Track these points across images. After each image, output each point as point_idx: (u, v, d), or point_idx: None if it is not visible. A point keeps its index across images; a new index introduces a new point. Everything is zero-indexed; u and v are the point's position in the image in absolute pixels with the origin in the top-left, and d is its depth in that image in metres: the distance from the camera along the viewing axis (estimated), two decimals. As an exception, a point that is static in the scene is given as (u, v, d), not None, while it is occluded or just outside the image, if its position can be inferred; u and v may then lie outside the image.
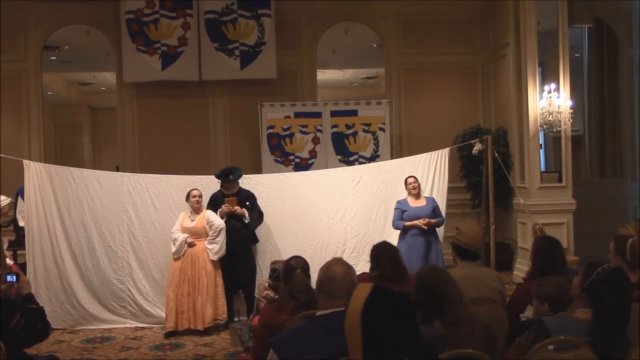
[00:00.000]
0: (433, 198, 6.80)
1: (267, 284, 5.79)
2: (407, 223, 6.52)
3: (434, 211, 6.62)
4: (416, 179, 6.75)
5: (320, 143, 9.08)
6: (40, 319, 3.64)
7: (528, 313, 3.53)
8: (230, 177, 6.69)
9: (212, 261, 6.37)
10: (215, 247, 6.36)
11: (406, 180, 6.73)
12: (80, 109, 16.02)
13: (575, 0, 8.41)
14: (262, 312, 3.97)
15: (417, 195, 6.67)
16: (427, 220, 6.47)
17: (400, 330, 2.24)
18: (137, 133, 9.48)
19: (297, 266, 3.75)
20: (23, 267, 6.76)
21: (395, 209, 6.70)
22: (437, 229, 6.69)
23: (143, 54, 8.99)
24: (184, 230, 6.41)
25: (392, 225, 6.69)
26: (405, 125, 9.69)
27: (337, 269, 2.74)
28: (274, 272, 5.57)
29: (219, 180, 6.73)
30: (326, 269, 2.75)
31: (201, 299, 6.26)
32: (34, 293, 6.31)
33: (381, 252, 4.28)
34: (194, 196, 6.45)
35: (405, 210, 6.62)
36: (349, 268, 2.78)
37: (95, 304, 6.70)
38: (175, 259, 6.37)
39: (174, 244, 6.36)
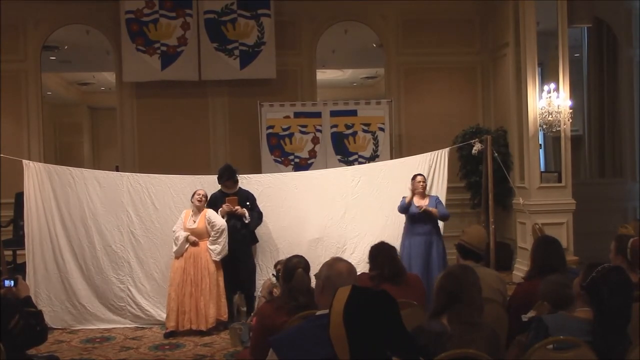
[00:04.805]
0: (437, 197, 6.76)
1: (272, 283, 5.78)
2: (407, 199, 6.52)
3: (437, 208, 6.60)
4: (424, 177, 6.72)
5: (320, 143, 9.08)
6: (38, 323, 3.65)
7: (531, 314, 3.53)
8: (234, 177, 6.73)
9: (215, 261, 6.37)
10: (217, 248, 6.36)
11: (415, 177, 6.67)
12: (80, 109, 16.04)
13: (574, 0, 8.41)
14: (260, 312, 3.95)
15: (423, 194, 6.64)
16: (429, 208, 6.47)
17: (384, 327, 2.25)
18: (136, 133, 9.48)
19: (298, 265, 3.70)
20: (23, 267, 6.77)
21: (401, 201, 6.65)
22: (440, 227, 6.68)
23: (142, 54, 8.98)
24: (186, 231, 6.39)
25: (398, 209, 6.64)
26: (405, 125, 9.69)
27: (342, 265, 2.75)
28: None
29: (223, 177, 6.72)
30: (330, 266, 2.75)
31: (204, 299, 6.26)
32: (33, 293, 6.41)
33: (379, 253, 4.32)
34: (199, 194, 6.45)
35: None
36: (351, 265, 2.80)
37: (96, 304, 6.70)
38: (177, 258, 6.36)
39: (176, 243, 6.36)
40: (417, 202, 6.60)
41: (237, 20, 9.09)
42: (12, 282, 3.71)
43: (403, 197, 6.63)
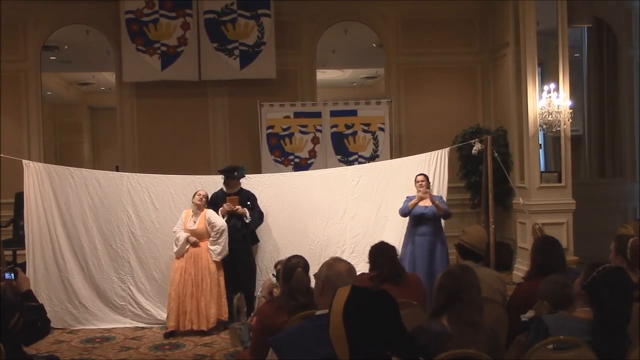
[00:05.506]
0: (440, 196, 6.71)
1: (272, 283, 5.78)
2: (410, 203, 6.40)
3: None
4: (426, 177, 6.61)
5: (320, 143, 9.08)
6: (40, 318, 3.65)
7: (530, 314, 3.52)
8: (235, 173, 6.72)
9: (215, 261, 6.37)
10: (217, 249, 6.36)
11: (416, 177, 6.62)
12: (80, 109, 16.04)
13: (574, 0, 8.41)
14: (260, 312, 3.96)
15: (425, 194, 6.60)
16: (427, 193, 6.41)
17: (384, 327, 2.25)
18: (136, 133, 9.48)
19: (298, 265, 3.72)
20: (23, 266, 6.77)
21: (404, 202, 6.57)
22: (442, 228, 6.65)
23: (143, 54, 8.98)
24: (186, 232, 6.40)
25: (399, 212, 6.57)
26: (405, 125, 9.69)
27: (341, 265, 2.75)
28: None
29: (222, 176, 6.73)
30: (330, 266, 2.74)
31: (205, 299, 6.27)
32: (33, 292, 6.40)
33: (379, 253, 4.32)
34: (199, 195, 6.46)
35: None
36: (351, 265, 2.80)
37: (97, 303, 6.71)
38: (178, 258, 6.37)
39: (176, 244, 6.36)
40: (420, 202, 6.55)
41: (237, 20, 9.09)
42: (12, 274, 3.70)
43: (407, 197, 6.58)
